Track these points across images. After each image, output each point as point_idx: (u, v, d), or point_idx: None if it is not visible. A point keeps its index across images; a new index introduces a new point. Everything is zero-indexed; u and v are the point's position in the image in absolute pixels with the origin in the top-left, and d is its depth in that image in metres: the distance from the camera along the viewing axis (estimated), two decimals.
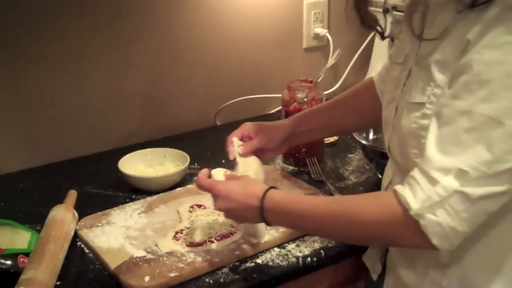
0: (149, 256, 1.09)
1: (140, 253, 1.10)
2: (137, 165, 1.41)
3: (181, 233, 1.14)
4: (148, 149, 1.44)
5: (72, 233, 1.15)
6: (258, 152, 1.20)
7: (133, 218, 1.22)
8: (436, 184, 0.81)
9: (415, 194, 0.83)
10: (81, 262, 1.11)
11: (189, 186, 1.35)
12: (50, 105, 1.49)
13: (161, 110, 1.67)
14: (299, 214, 0.96)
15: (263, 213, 0.97)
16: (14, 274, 1.02)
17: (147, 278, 1.02)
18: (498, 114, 0.78)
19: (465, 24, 0.83)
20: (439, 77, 0.87)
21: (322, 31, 1.83)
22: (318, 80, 1.46)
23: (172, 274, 1.03)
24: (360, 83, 1.28)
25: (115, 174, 1.36)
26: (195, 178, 1.39)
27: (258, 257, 1.10)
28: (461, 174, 0.79)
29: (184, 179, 1.39)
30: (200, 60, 1.69)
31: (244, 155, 1.17)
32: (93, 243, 1.13)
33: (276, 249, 1.12)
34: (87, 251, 1.14)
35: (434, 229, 0.81)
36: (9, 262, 1.04)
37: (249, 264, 1.09)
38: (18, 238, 1.12)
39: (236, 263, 1.09)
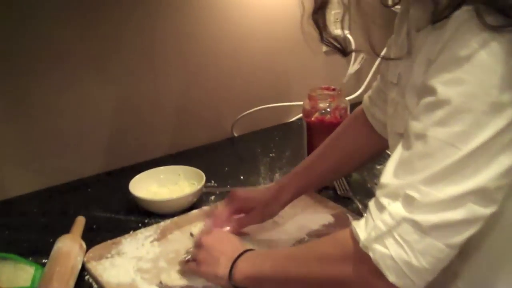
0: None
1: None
2: (149, 185, 1.31)
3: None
4: (161, 168, 1.35)
5: (79, 266, 1.06)
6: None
7: (145, 247, 1.12)
8: (383, 211, 0.72)
9: (366, 224, 0.75)
10: None
11: (205, 207, 1.25)
12: (53, 122, 1.39)
13: (174, 122, 1.57)
14: (263, 258, 0.92)
15: (236, 261, 0.93)
16: None
17: None
18: (453, 139, 0.69)
19: (430, 44, 0.74)
20: (411, 103, 0.79)
21: (342, 32, 1.71)
22: (340, 87, 1.35)
23: None
24: (349, 116, 1.17)
25: (126, 195, 1.26)
26: (212, 197, 1.31)
27: None
28: (408, 199, 0.70)
29: (200, 199, 1.29)
30: (214, 67, 1.58)
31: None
32: (102, 278, 1.04)
33: None
34: (95, 286, 1.05)
35: (386, 264, 0.72)
36: None
37: None
38: (21, 274, 1.03)
39: None
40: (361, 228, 0.75)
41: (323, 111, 1.31)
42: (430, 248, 0.70)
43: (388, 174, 0.75)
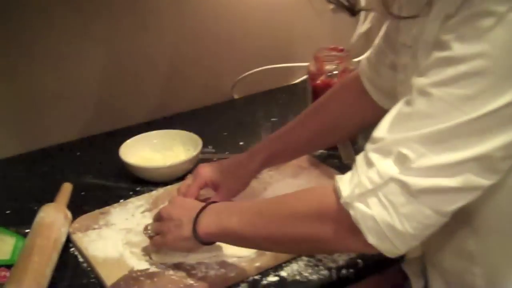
0: (153, 269, 0.91)
1: (142, 265, 0.92)
2: (142, 150, 1.22)
3: None
4: (154, 132, 1.26)
5: (64, 239, 0.98)
6: None
7: (135, 218, 1.05)
8: (371, 167, 0.67)
9: (351, 180, 0.70)
10: (74, 274, 0.94)
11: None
12: (37, 81, 1.29)
13: (168, 82, 1.47)
14: (229, 212, 0.84)
15: (198, 217, 0.85)
16: None
17: None
18: (460, 102, 0.63)
19: None
20: (422, 62, 0.71)
21: None
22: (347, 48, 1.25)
23: None
24: (339, 81, 1.08)
25: (117, 160, 1.18)
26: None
27: (282, 269, 0.92)
28: (401, 158, 0.65)
29: (196, 167, 1.20)
30: (213, 24, 1.47)
31: None
32: (87, 251, 0.96)
33: (304, 258, 0.94)
34: (81, 259, 0.97)
35: (367, 224, 0.67)
36: None
37: (271, 278, 0.91)
38: (1, 246, 0.96)
39: (256, 277, 0.91)
40: (345, 183, 0.70)
41: (330, 73, 1.22)
42: (417, 213, 0.65)
43: (382, 128, 0.69)
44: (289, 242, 0.79)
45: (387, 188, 0.65)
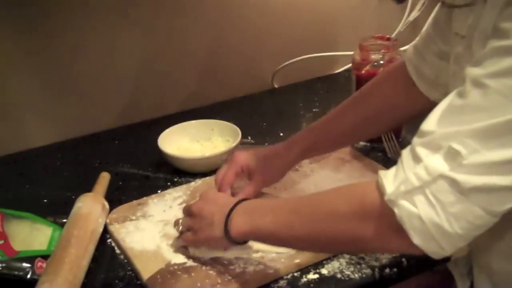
0: (190, 263, 0.89)
1: (179, 258, 0.90)
2: (180, 140, 1.21)
3: None
4: (193, 122, 1.23)
5: (101, 229, 0.97)
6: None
7: (173, 209, 1.02)
8: (419, 163, 0.63)
9: (396, 176, 0.65)
10: (110, 266, 0.93)
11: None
12: (78, 69, 1.29)
13: (208, 71, 1.45)
14: (262, 210, 0.80)
15: (229, 216, 0.82)
16: (30, 282, 0.85)
17: None
18: None
19: None
20: (477, 52, 0.67)
21: None
22: (393, 35, 1.20)
23: None
24: (384, 69, 1.03)
25: (156, 150, 1.16)
26: None
27: (323, 266, 0.89)
28: (452, 154, 0.61)
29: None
30: (254, 11, 1.44)
31: None
32: (125, 242, 0.95)
33: (346, 256, 0.90)
34: (118, 251, 0.96)
35: (412, 223, 0.63)
36: (24, 268, 0.87)
37: (311, 276, 0.87)
38: (37, 235, 0.95)
39: (295, 274, 0.88)
40: (389, 179, 0.66)
41: (376, 63, 1.17)
42: (467, 212, 0.61)
43: (432, 121, 0.64)
44: (328, 242, 0.75)
45: (436, 185, 0.61)
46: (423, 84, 0.93)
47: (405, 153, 0.66)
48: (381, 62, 1.17)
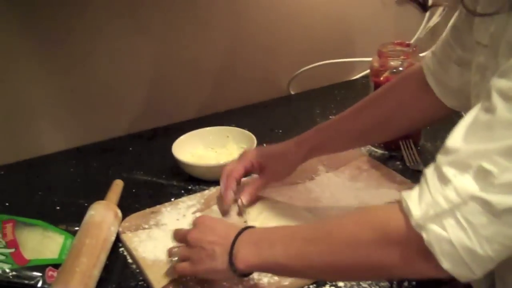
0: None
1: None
2: (195, 147, 1.19)
3: None
4: (208, 128, 1.22)
5: (113, 238, 0.95)
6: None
7: (186, 218, 1.01)
8: (447, 184, 0.59)
9: (421, 198, 0.62)
10: (122, 276, 0.91)
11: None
12: (91, 76, 1.28)
13: (223, 77, 1.43)
14: (271, 240, 0.74)
15: (233, 248, 0.76)
16: None
17: None
18: None
19: None
20: (503, 62, 0.62)
21: None
22: (411, 41, 1.17)
23: None
24: (401, 73, 1.00)
25: (170, 157, 1.14)
26: None
27: None
28: (482, 174, 0.57)
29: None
30: (270, 16, 1.42)
31: (248, 203, 1.00)
32: (137, 252, 0.93)
33: None
34: (130, 260, 0.94)
35: (442, 248, 0.59)
36: (35, 277, 0.86)
37: None
38: (49, 243, 0.93)
39: (311, 287, 0.85)
40: (414, 202, 0.62)
41: (395, 70, 1.15)
42: (500, 234, 0.58)
43: (457, 138, 0.61)
44: (350, 272, 0.71)
45: (467, 207, 0.58)
46: (440, 91, 0.91)
47: (430, 172, 0.62)
48: (400, 68, 1.14)
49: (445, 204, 0.59)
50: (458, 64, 0.86)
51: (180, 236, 0.86)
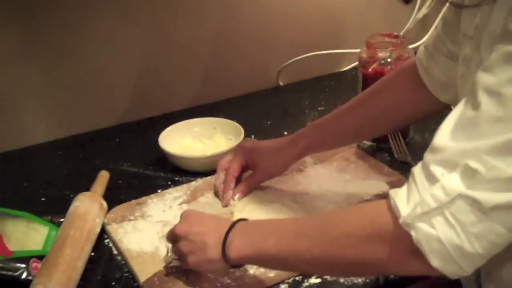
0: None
1: (174, 261, 0.87)
2: (182, 138, 1.18)
3: None
4: (195, 119, 1.21)
5: (98, 229, 0.95)
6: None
7: (172, 210, 1.00)
8: (435, 183, 0.59)
9: (409, 196, 0.62)
10: (107, 267, 0.90)
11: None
12: (76, 66, 1.26)
13: (210, 68, 1.41)
14: (264, 233, 0.75)
15: (226, 238, 0.76)
16: (25, 283, 0.83)
17: None
18: None
19: None
20: (486, 55, 0.62)
21: None
22: (401, 33, 1.16)
23: None
24: (395, 69, 1.00)
25: (156, 148, 1.13)
26: None
27: None
28: (469, 172, 0.57)
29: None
30: (260, 9, 1.41)
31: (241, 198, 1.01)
32: (122, 243, 0.92)
33: None
34: (115, 252, 0.93)
35: (431, 246, 0.60)
36: (19, 268, 0.85)
37: (313, 280, 0.85)
38: (33, 235, 0.93)
39: (297, 278, 0.85)
40: (402, 200, 0.62)
41: (383, 61, 1.14)
42: (488, 231, 0.58)
43: (444, 136, 0.60)
44: (338, 266, 0.71)
45: (455, 206, 0.58)
46: (433, 85, 0.91)
47: (417, 171, 0.62)
48: (389, 60, 1.14)
49: (433, 203, 0.59)
50: (448, 57, 0.86)
51: (169, 235, 0.85)
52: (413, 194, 0.61)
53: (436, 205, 0.59)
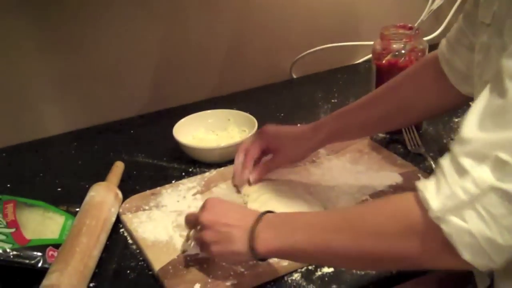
0: (203, 254, 0.87)
1: (191, 249, 0.88)
2: (196, 130, 1.19)
3: None
4: (209, 111, 1.22)
5: (114, 219, 0.96)
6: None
7: (186, 200, 1.01)
8: (465, 175, 0.59)
9: (438, 190, 0.61)
10: (123, 256, 0.91)
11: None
12: (94, 58, 1.27)
13: (224, 61, 1.42)
14: (293, 226, 0.74)
15: (254, 231, 0.75)
16: (42, 271, 0.84)
17: (197, 286, 0.81)
18: None
19: None
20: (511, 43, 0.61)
21: None
22: (415, 25, 1.16)
23: (228, 283, 0.82)
24: (419, 61, 1.00)
25: (172, 139, 1.14)
26: None
27: None
28: (499, 163, 0.57)
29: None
30: (274, 1, 1.41)
31: (255, 182, 1.02)
32: (137, 233, 0.93)
33: None
34: (130, 241, 0.94)
35: (462, 239, 0.59)
36: (35, 256, 0.86)
37: (326, 269, 0.85)
38: (49, 224, 0.94)
39: (310, 268, 0.86)
40: (431, 193, 0.61)
41: (397, 53, 1.14)
42: None
43: (472, 126, 0.60)
44: (369, 261, 0.70)
45: (486, 198, 0.57)
46: (454, 77, 0.90)
47: (446, 163, 0.62)
48: (403, 51, 1.13)
49: (464, 196, 0.58)
50: (470, 49, 0.85)
51: (192, 219, 0.85)
52: (443, 187, 0.60)
53: (466, 198, 0.58)
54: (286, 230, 0.74)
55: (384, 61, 1.15)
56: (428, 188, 0.62)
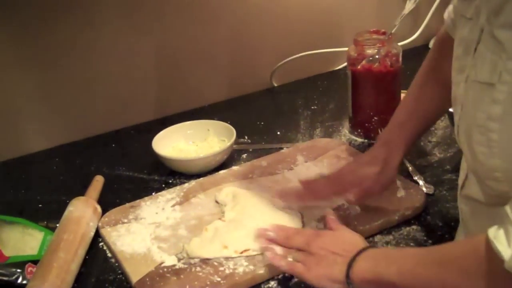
0: (180, 265, 0.88)
1: (169, 260, 0.89)
2: (175, 141, 1.20)
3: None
4: (188, 122, 1.23)
5: (92, 233, 0.96)
6: None
7: (165, 212, 1.01)
8: None
9: (509, 239, 0.59)
10: (102, 270, 0.92)
11: (235, 168, 1.13)
12: (74, 74, 1.28)
13: (204, 71, 1.43)
14: (390, 260, 0.75)
15: (353, 260, 0.77)
16: (21, 287, 0.85)
17: None
18: None
19: None
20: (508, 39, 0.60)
21: None
22: (393, 31, 1.17)
23: None
24: (436, 41, 0.97)
25: (152, 151, 1.15)
26: (244, 155, 1.19)
27: None
28: None
29: (230, 158, 1.17)
30: (251, 11, 1.42)
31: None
32: (115, 246, 0.94)
33: None
34: (109, 255, 0.95)
35: None
36: (14, 273, 0.87)
37: None
38: (29, 240, 0.95)
39: (286, 275, 0.86)
40: (503, 244, 0.60)
41: (371, 58, 1.15)
42: None
43: None
44: None
45: None
46: None
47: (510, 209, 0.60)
48: (377, 56, 1.14)
49: None
50: None
51: (299, 243, 0.85)
52: None
53: None
54: (382, 262, 0.75)
55: (359, 67, 1.16)
56: (498, 237, 0.61)
